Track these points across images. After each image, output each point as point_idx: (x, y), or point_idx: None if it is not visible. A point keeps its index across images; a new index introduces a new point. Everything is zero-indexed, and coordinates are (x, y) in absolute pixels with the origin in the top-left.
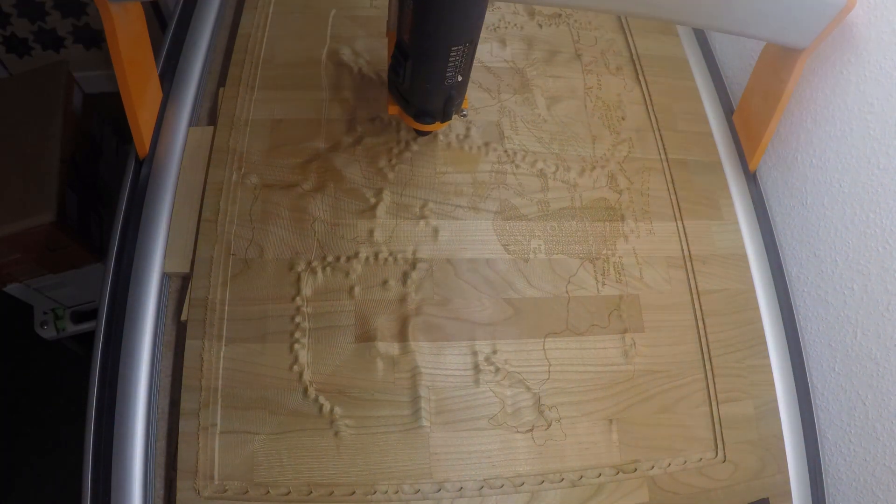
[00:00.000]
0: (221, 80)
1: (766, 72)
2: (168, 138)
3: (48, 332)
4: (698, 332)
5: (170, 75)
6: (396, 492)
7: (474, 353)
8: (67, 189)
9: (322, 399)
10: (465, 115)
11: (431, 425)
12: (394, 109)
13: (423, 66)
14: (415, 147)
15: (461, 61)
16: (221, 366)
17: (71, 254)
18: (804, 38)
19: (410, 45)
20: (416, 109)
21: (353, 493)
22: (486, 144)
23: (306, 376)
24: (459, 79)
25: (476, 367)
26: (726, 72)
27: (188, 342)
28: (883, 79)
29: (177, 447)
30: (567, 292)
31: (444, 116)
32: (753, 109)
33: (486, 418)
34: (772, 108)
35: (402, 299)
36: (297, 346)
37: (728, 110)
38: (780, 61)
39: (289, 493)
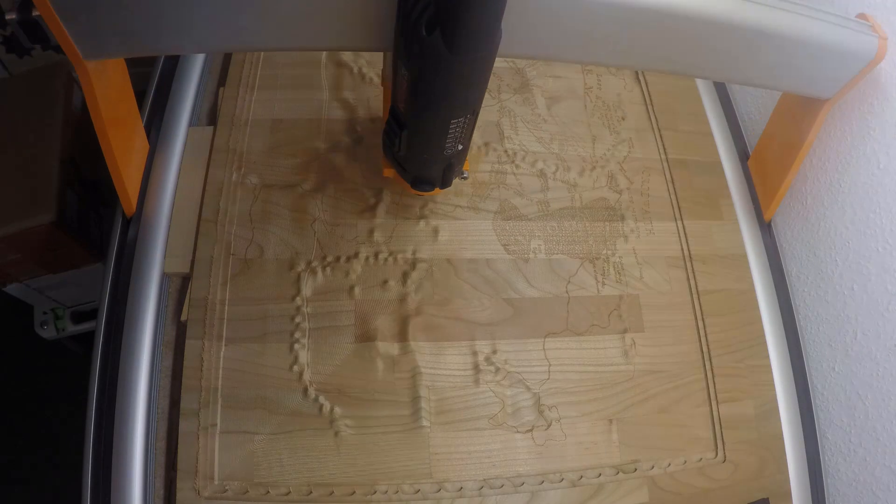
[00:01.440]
0: (221, 80)
1: (785, 119)
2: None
3: (48, 332)
4: (698, 332)
5: (168, 78)
6: (396, 492)
7: (474, 353)
8: (67, 189)
9: (322, 399)
10: (465, 178)
11: (431, 425)
12: (389, 172)
13: (420, 138)
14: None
15: (462, 132)
16: (221, 366)
17: (71, 254)
18: (828, 89)
19: (406, 115)
20: (413, 177)
21: (353, 493)
22: (486, 144)
23: (306, 376)
24: (460, 147)
25: (476, 367)
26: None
27: (188, 342)
28: None
29: (177, 447)
30: (567, 292)
31: (444, 184)
32: (770, 157)
33: (486, 418)
34: (791, 158)
35: (402, 299)
36: (297, 346)
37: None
38: (801, 109)
39: (289, 492)
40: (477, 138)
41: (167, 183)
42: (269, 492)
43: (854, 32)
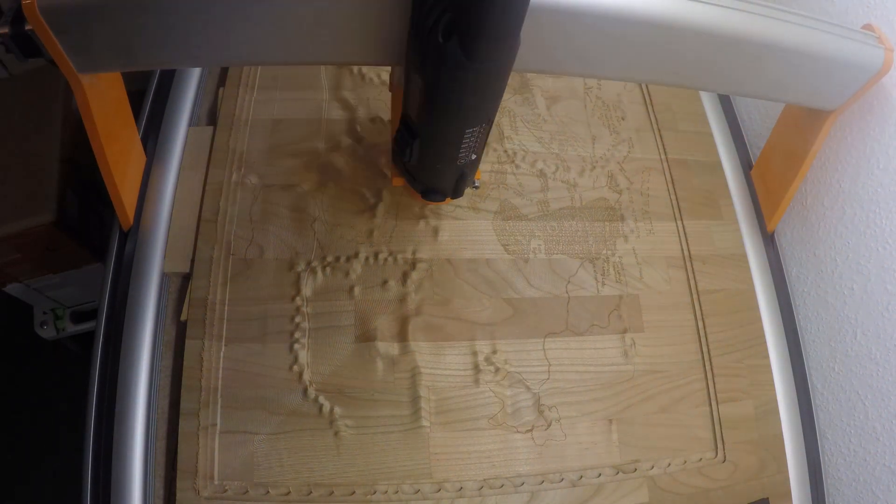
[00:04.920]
0: (221, 80)
1: (789, 130)
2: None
3: (48, 332)
4: (698, 332)
5: (168, 78)
6: (396, 492)
7: (474, 353)
8: (67, 189)
9: (322, 399)
10: (476, 187)
11: (431, 425)
12: (399, 181)
13: (433, 147)
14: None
15: (476, 141)
16: (221, 366)
17: (71, 254)
18: (833, 101)
19: (419, 124)
20: (424, 186)
21: (353, 493)
22: (486, 144)
23: (306, 376)
24: (473, 157)
25: (476, 367)
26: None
27: (188, 342)
28: None
29: (177, 447)
30: (567, 292)
31: (455, 193)
32: (774, 168)
33: (486, 418)
34: (794, 169)
35: (402, 299)
36: (296, 346)
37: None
38: (805, 121)
39: (289, 493)
40: None
41: (167, 183)
42: (269, 492)
43: (860, 44)
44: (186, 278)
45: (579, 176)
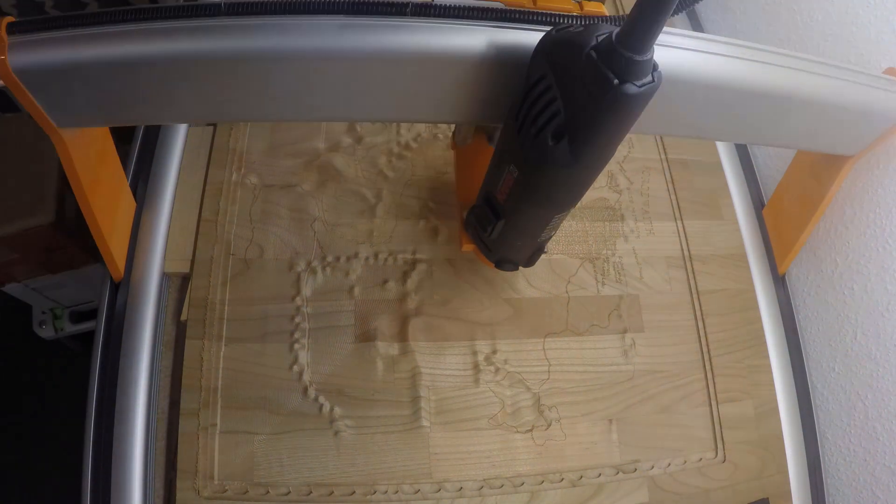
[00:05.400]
0: None
1: (803, 173)
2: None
3: (46, 332)
4: (698, 332)
5: None
6: (396, 492)
7: (474, 353)
8: (66, 190)
9: (322, 399)
10: (545, 252)
11: (431, 425)
12: (469, 247)
13: (517, 230)
14: (414, 147)
15: (559, 221)
16: (221, 366)
17: (69, 254)
18: (854, 147)
19: (506, 208)
20: (498, 257)
21: (353, 492)
22: None
23: (306, 376)
24: (552, 234)
25: (476, 367)
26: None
27: (188, 342)
28: None
29: (177, 447)
30: (567, 292)
31: (529, 263)
32: (787, 209)
33: (486, 418)
34: (809, 213)
35: (402, 299)
36: (296, 346)
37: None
38: (820, 165)
39: (289, 493)
40: None
41: (167, 184)
42: (268, 492)
43: (883, 92)
44: (186, 278)
45: None
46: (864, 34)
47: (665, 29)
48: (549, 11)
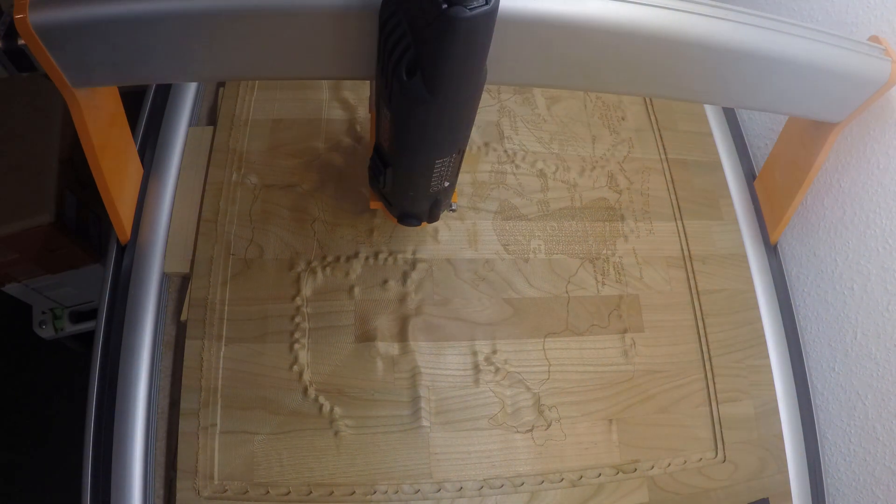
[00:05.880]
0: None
1: (792, 142)
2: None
3: (46, 332)
4: (698, 332)
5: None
6: (396, 492)
7: (474, 353)
8: (66, 190)
9: (322, 399)
10: (454, 210)
11: (431, 425)
12: (376, 205)
13: (404, 177)
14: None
15: (447, 170)
16: (221, 366)
17: (69, 254)
18: (839, 113)
19: (390, 154)
20: (399, 211)
21: (353, 492)
22: (486, 144)
23: (306, 376)
24: (446, 185)
25: (476, 367)
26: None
27: (188, 342)
28: None
29: (177, 447)
30: (567, 292)
31: (431, 218)
32: (777, 179)
33: (486, 418)
34: (798, 181)
35: (402, 299)
36: (296, 346)
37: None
38: (808, 133)
39: (289, 493)
40: (477, 138)
41: (167, 184)
42: (268, 492)
43: (867, 57)
44: (186, 278)
45: (579, 176)
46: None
47: None
48: None
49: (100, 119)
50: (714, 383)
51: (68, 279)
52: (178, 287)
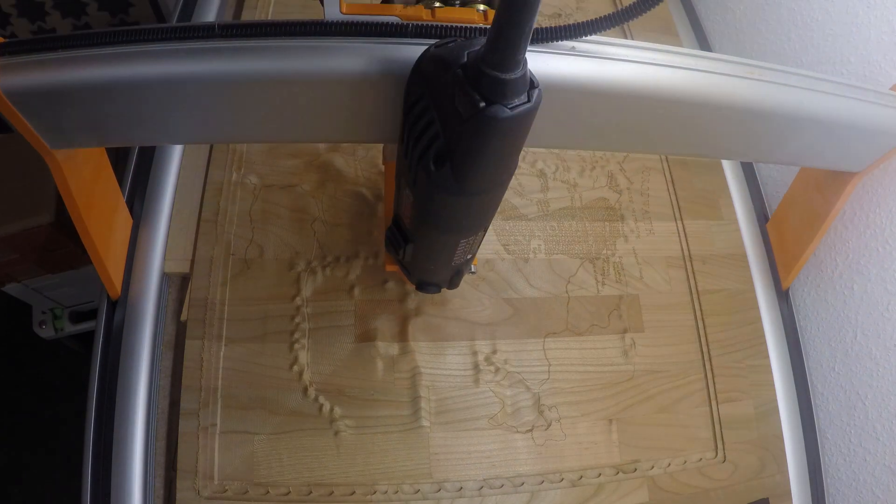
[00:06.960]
0: None
1: (809, 187)
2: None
3: (46, 332)
4: (698, 332)
5: None
6: (396, 492)
7: (474, 353)
8: None
9: (322, 399)
10: (474, 272)
11: (431, 425)
12: (392, 268)
13: (426, 253)
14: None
15: (471, 247)
16: (221, 366)
17: (69, 254)
18: (859, 164)
19: (411, 232)
20: (418, 279)
21: (353, 492)
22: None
23: (306, 376)
24: (469, 257)
25: (476, 367)
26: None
27: (188, 342)
28: None
29: (177, 447)
30: (567, 292)
31: (451, 286)
32: (791, 224)
33: (486, 418)
34: (814, 229)
35: (402, 299)
36: (296, 346)
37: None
38: (826, 180)
39: (288, 493)
40: None
41: (167, 184)
42: (268, 492)
43: (891, 109)
44: (186, 278)
45: (579, 176)
46: (864, 34)
47: (675, 49)
48: (441, 24)
49: (83, 176)
50: (714, 383)
51: (68, 279)
52: (178, 287)
